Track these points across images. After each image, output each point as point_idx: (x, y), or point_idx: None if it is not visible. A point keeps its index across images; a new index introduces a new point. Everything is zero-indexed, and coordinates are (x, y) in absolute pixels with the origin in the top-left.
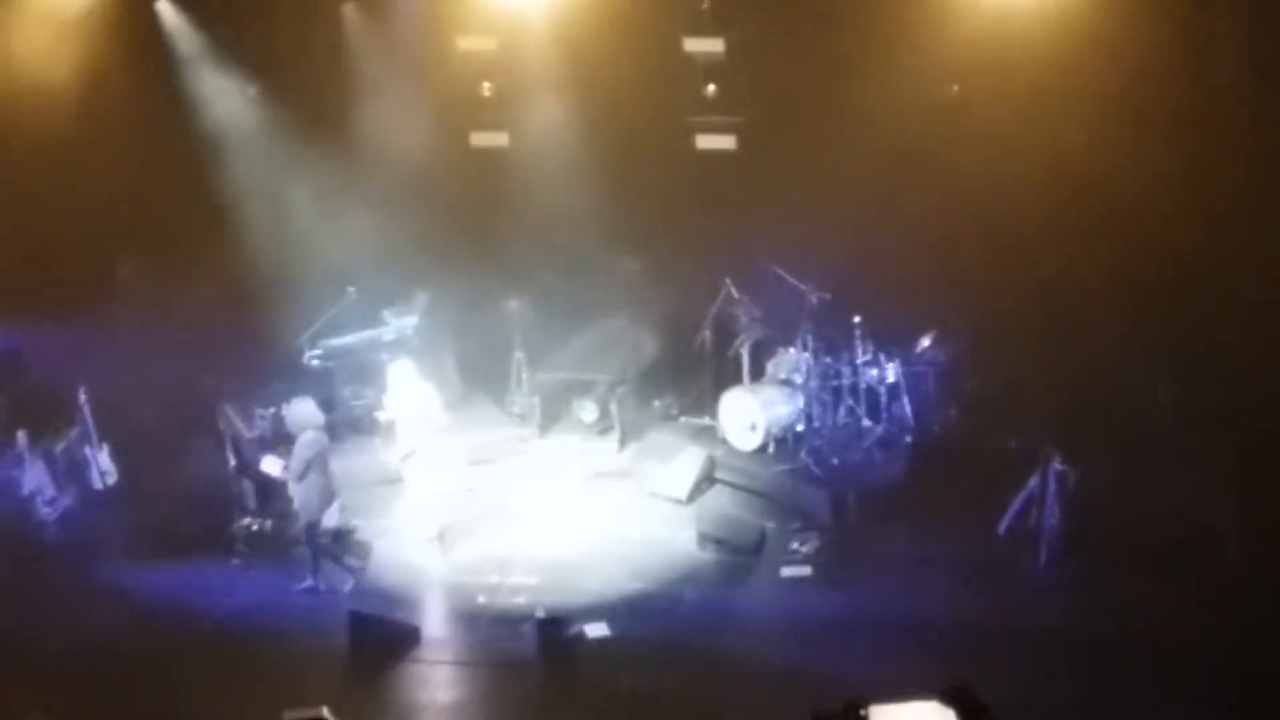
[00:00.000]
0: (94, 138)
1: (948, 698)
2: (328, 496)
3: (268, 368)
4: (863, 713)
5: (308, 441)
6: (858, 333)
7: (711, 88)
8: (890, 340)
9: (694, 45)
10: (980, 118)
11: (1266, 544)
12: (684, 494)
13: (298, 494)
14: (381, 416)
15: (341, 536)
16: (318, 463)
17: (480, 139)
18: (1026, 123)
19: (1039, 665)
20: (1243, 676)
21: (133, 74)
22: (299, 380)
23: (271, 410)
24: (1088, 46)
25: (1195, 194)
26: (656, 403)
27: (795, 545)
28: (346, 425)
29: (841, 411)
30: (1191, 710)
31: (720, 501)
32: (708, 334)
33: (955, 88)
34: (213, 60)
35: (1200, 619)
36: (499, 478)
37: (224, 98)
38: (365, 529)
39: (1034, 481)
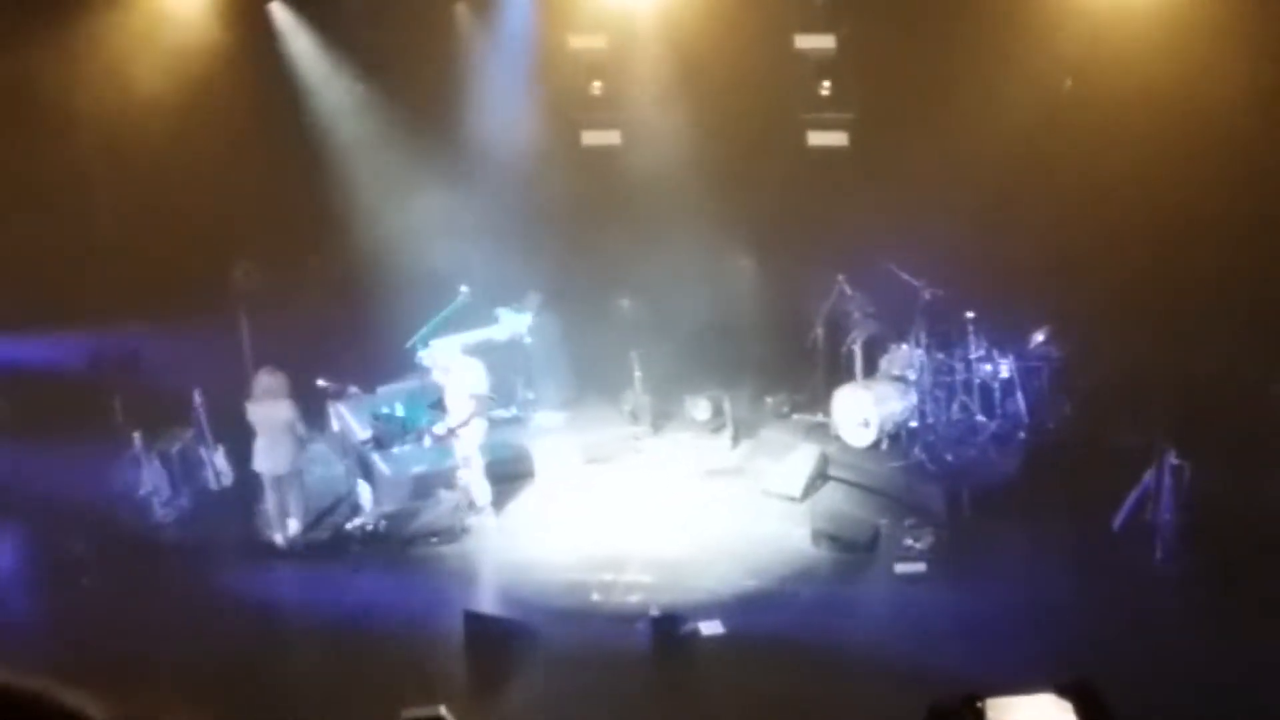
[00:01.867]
0: (207, 140)
1: (1065, 692)
2: (269, 459)
3: (382, 368)
4: (980, 705)
5: (249, 408)
6: (970, 328)
7: (825, 84)
8: (1003, 335)
9: (805, 42)
10: (1094, 112)
11: None
12: (798, 491)
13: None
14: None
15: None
16: (261, 428)
17: (592, 138)
18: (1141, 117)
19: (1155, 660)
20: None
21: (246, 75)
22: (413, 380)
23: (385, 411)
24: (1205, 39)
25: None
26: (769, 400)
27: (909, 541)
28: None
29: (955, 407)
30: None
31: (834, 498)
32: (820, 331)
33: (1069, 82)
34: (325, 60)
35: None
36: (613, 476)
37: (336, 98)
38: (480, 528)
39: (1149, 477)
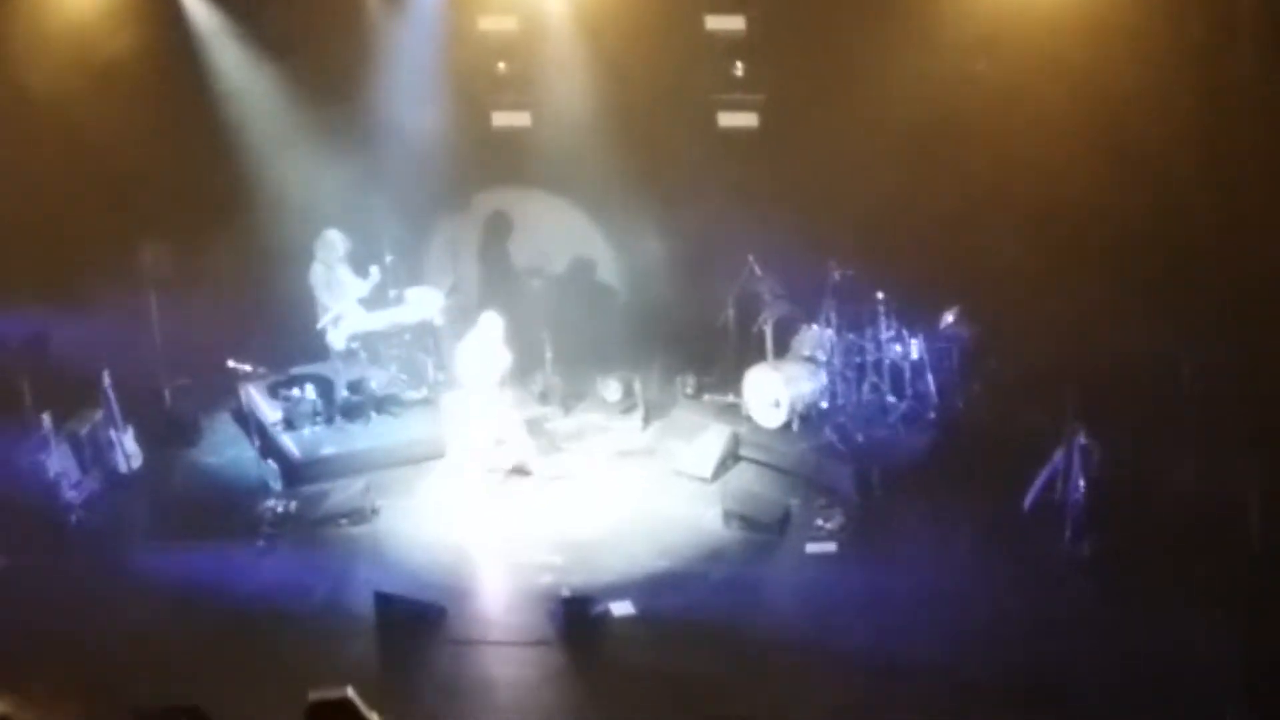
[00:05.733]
0: (115, 121)
1: None
2: None
3: (291, 350)
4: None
5: None
6: (881, 309)
7: (738, 65)
8: (914, 316)
9: (715, 23)
10: (1005, 92)
11: None
12: (708, 472)
13: None
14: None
15: None
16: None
17: (502, 119)
18: (1051, 98)
19: (1064, 639)
20: (1265, 653)
21: (152, 57)
22: (323, 362)
23: (295, 392)
24: (1115, 21)
25: (1223, 170)
26: (680, 381)
27: (820, 522)
28: (371, 405)
29: (865, 388)
30: (1215, 686)
31: (745, 479)
32: (731, 312)
33: (981, 64)
34: (232, 41)
35: (1226, 593)
36: (524, 457)
37: (244, 79)
38: (390, 509)
39: (1058, 456)
